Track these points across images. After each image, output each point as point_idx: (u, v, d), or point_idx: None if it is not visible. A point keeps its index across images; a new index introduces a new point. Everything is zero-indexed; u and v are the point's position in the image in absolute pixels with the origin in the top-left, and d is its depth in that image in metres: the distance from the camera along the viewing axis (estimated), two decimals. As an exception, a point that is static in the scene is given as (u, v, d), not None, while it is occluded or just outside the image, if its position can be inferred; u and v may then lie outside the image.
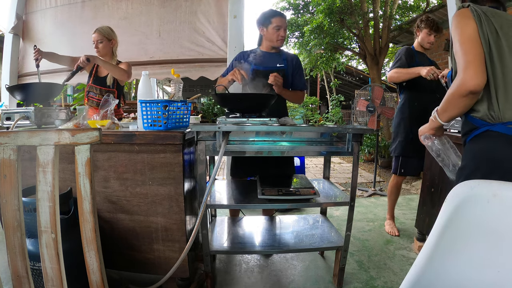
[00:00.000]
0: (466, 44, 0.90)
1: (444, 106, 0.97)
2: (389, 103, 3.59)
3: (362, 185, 3.84)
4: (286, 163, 1.89)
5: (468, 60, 0.87)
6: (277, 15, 1.78)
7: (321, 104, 12.08)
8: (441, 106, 0.99)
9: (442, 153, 1.09)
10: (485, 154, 0.92)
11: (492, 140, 0.91)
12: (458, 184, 0.91)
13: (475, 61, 0.87)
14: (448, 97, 0.94)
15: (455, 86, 0.90)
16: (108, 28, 2.17)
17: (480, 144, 0.94)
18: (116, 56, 2.22)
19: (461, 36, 0.92)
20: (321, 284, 1.58)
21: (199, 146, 1.32)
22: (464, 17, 0.94)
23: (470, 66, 0.86)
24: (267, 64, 1.80)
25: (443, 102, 0.97)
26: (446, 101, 0.95)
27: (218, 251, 1.49)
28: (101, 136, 0.75)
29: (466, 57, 0.88)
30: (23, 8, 3.51)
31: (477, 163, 0.93)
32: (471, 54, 0.88)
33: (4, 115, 1.60)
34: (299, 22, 7.44)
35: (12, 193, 0.74)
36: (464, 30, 0.92)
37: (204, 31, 3.09)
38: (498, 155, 0.89)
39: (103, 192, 1.31)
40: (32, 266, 1.11)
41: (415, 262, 0.67)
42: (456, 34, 0.94)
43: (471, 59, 0.87)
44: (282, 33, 1.78)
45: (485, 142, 0.92)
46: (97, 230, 0.77)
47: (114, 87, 2.18)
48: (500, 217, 0.60)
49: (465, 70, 0.87)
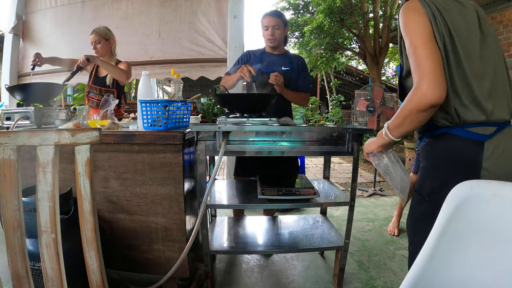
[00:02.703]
0: (422, 48, 0.79)
1: (398, 121, 0.86)
2: (389, 103, 3.58)
3: (362, 185, 3.85)
4: (290, 163, 1.88)
5: (426, 70, 0.77)
6: (266, 15, 1.76)
7: (321, 104, 12.08)
8: (394, 121, 0.87)
9: (390, 170, 0.99)
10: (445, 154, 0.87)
11: (451, 141, 0.87)
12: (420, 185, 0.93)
13: (435, 71, 0.76)
14: (404, 112, 0.82)
15: (414, 100, 0.78)
16: (104, 28, 2.17)
17: (441, 143, 0.89)
18: (115, 55, 2.22)
19: (415, 36, 0.81)
20: (321, 284, 1.58)
21: (199, 146, 1.32)
22: (415, 11, 0.82)
23: (430, 77, 0.76)
24: (272, 67, 1.77)
25: (397, 117, 0.86)
26: (402, 116, 0.84)
27: (218, 251, 1.49)
28: (101, 136, 0.75)
29: (424, 65, 0.77)
30: (23, 8, 3.51)
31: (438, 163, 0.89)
32: (429, 61, 0.77)
33: (4, 115, 1.60)
34: (299, 22, 7.45)
35: (12, 193, 0.74)
36: (418, 29, 0.81)
37: (204, 31, 3.09)
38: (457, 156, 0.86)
39: (103, 192, 1.31)
40: (32, 266, 1.11)
41: (415, 262, 0.67)
42: (409, 32, 0.83)
43: (430, 69, 0.77)
44: (270, 32, 1.74)
45: (446, 141, 0.88)
46: (97, 230, 0.77)
47: (114, 87, 2.18)
48: (500, 217, 0.60)
49: (423, 81, 0.76)
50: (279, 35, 1.76)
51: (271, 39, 1.76)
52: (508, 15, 4.26)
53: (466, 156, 0.83)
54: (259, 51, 1.87)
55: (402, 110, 0.83)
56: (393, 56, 10.89)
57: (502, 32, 4.36)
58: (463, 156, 0.84)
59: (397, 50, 9.86)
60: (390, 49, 8.77)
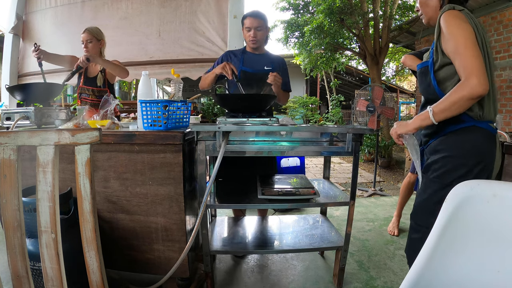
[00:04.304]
0: (472, 49, 0.94)
1: (445, 106, 0.97)
2: (389, 103, 3.57)
3: (362, 185, 3.84)
4: (269, 163, 1.89)
5: (477, 66, 0.92)
6: (248, 15, 1.74)
7: (321, 104, 12.07)
8: (440, 106, 0.98)
9: (417, 148, 1.14)
10: (472, 145, 1.01)
11: (478, 134, 1.02)
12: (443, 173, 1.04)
13: (483, 67, 0.92)
14: (454, 98, 0.95)
15: (467, 89, 0.92)
16: (97, 28, 2.18)
17: (468, 136, 1.02)
18: (104, 56, 2.22)
19: (465, 39, 0.95)
20: (321, 284, 1.58)
21: (199, 146, 1.32)
22: (461, 19, 0.97)
23: (480, 72, 0.91)
24: (255, 67, 1.78)
25: (445, 102, 0.97)
26: (451, 102, 0.96)
27: (218, 251, 1.49)
28: (101, 136, 0.75)
29: (475, 62, 0.92)
30: (23, 8, 3.51)
31: (464, 154, 1.02)
32: (479, 59, 0.92)
33: (4, 115, 1.60)
34: (299, 22, 7.43)
35: (12, 193, 0.74)
36: (467, 33, 0.96)
37: (204, 31, 3.09)
38: (482, 148, 1.01)
39: (103, 192, 1.31)
40: (32, 266, 1.11)
41: (415, 262, 0.67)
42: (457, 34, 0.97)
43: (479, 66, 0.92)
44: (252, 34, 1.73)
45: (473, 135, 1.02)
46: (97, 230, 0.77)
47: (106, 87, 2.19)
48: (500, 217, 0.60)
49: (474, 76, 0.91)
50: (261, 36, 1.76)
51: (254, 41, 1.75)
52: (508, 15, 4.25)
53: (488, 147, 1.02)
54: (239, 51, 1.87)
55: (450, 98, 0.96)
56: (393, 56, 10.88)
57: (502, 32, 4.36)
58: (486, 147, 1.01)
59: (397, 50, 9.86)
60: (390, 49, 8.77)
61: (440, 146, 1.08)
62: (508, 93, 4.40)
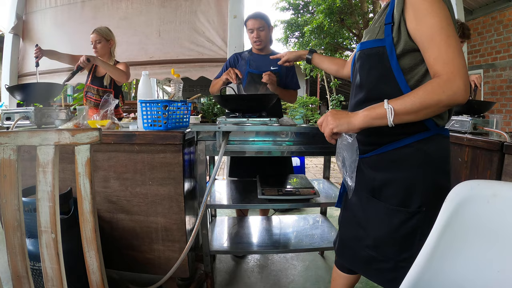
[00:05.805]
0: (455, 40, 0.71)
1: (413, 108, 0.73)
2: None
3: (362, 185, 3.84)
4: (283, 163, 1.89)
5: (462, 64, 0.71)
6: (249, 17, 1.76)
7: (321, 104, 12.07)
8: (408, 105, 0.73)
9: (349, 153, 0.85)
10: (441, 161, 0.85)
11: (444, 145, 0.85)
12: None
13: (466, 68, 0.71)
14: (428, 101, 0.72)
15: (448, 93, 0.70)
16: (106, 28, 2.18)
17: (434, 148, 0.83)
18: (114, 56, 2.22)
19: (447, 23, 0.72)
20: (321, 284, 1.58)
21: (199, 146, 1.32)
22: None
23: (464, 75, 0.70)
24: (261, 68, 1.79)
25: (415, 102, 0.73)
26: (423, 105, 0.72)
27: (218, 251, 1.49)
28: (101, 136, 0.75)
29: (459, 57, 0.71)
30: (23, 8, 3.51)
31: (433, 172, 0.83)
32: (462, 57, 0.71)
33: (4, 115, 1.60)
34: (299, 22, 7.44)
35: (12, 193, 0.74)
36: (447, 19, 0.72)
37: (204, 31, 3.09)
38: (449, 163, 0.87)
39: (103, 192, 1.31)
40: (32, 266, 1.11)
41: (415, 262, 0.67)
42: (439, 15, 0.72)
43: (464, 63, 0.71)
44: (255, 34, 1.75)
45: (439, 147, 0.84)
46: (97, 230, 0.77)
47: (111, 87, 2.19)
48: (500, 217, 0.60)
49: (459, 79, 0.70)
50: (264, 36, 1.78)
51: (257, 41, 1.78)
52: (508, 15, 4.26)
53: (448, 155, 0.87)
54: (246, 52, 1.89)
55: (422, 98, 0.72)
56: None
57: (502, 32, 4.36)
58: (447, 156, 0.86)
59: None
60: (390, 49, 8.76)
61: (397, 163, 0.84)
62: (508, 93, 4.40)
